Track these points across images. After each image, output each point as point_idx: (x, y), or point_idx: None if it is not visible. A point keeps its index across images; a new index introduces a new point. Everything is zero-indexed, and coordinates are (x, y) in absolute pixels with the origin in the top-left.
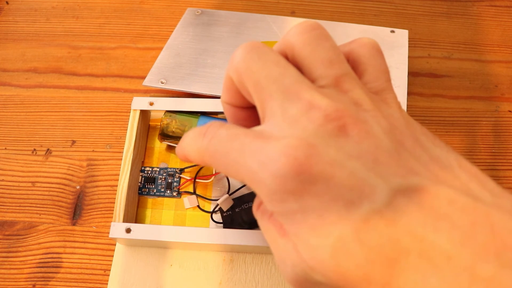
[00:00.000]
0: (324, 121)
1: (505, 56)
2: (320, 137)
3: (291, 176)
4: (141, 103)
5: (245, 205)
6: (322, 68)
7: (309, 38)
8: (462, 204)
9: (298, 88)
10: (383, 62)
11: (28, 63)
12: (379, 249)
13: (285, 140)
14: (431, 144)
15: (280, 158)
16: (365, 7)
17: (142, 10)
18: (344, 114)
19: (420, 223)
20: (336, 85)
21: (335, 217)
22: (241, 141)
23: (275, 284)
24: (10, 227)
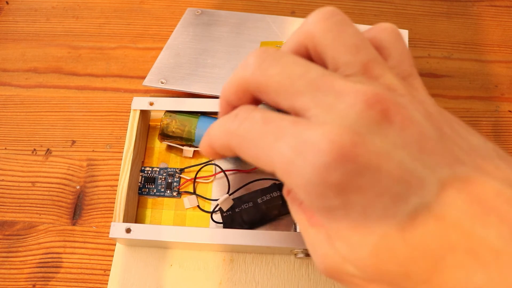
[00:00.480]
0: (366, 107)
1: (505, 56)
2: (364, 124)
3: (335, 166)
4: (141, 103)
5: (245, 205)
6: (348, 55)
7: (330, 25)
8: (509, 197)
9: (327, 79)
10: (405, 46)
11: (28, 63)
12: (425, 247)
13: (327, 126)
14: (467, 132)
15: (323, 145)
16: (365, 7)
17: (142, 10)
18: (384, 99)
19: (469, 217)
20: (365, 71)
21: (381, 213)
22: (277, 125)
23: (275, 284)
24: (10, 227)
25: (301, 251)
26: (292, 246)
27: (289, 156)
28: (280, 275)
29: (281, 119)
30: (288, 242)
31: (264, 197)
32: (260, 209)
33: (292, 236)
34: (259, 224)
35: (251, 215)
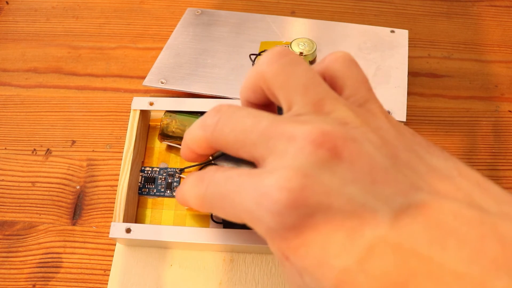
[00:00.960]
0: (313, 147)
1: (505, 56)
2: (312, 165)
3: (287, 211)
4: (141, 103)
5: None
6: (298, 95)
7: (279, 67)
8: (468, 218)
9: (277, 126)
10: (360, 72)
11: (28, 63)
12: (386, 277)
13: (278, 172)
14: (427, 153)
15: (274, 193)
16: (365, 7)
17: (142, 10)
18: (331, 136)
19: (426, 242)
20: (317, 109)
21: (338, 249)
22: (236, 182)
23: (275, 284)
24: (10, 227)
25: None
26: None
27: (251, 208)
28: (280, 275)
29: (238, 175)
30: None
31: None
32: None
33: None
34: None
35: None
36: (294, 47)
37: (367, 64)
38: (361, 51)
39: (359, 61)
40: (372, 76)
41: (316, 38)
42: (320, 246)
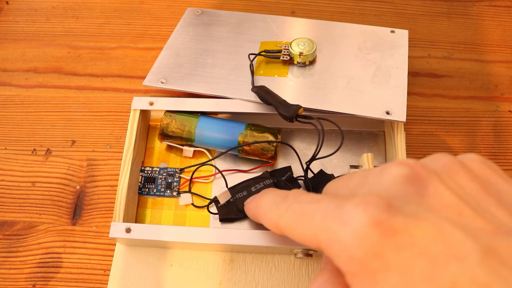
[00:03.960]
0: (398, 179)
1: (505, 56)
2: (397, 192)
3: (372, 232)
4: (141, 103)
5: (239, 195)
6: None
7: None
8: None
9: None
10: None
11: (28, 63)
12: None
13: (363, 196)
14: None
15: (361, 214)
16: (365, 7)
17: (142, 10)
18: (417, 171)
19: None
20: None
21: (420, 277)
22: (323, 204)
23: (275, 284)
24: (10, 227)
25: (301, 251)
26: (292, 246)
27: (332, 227)
28: (280, 275)
29: (327, 198)
30: (288, 242)
31: (258, 185)
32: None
33: None
34: None
35: None
36: (294, 47)
37: (367, 64)
38: (361, 51)
39: (359, 61)
40: (372, 76)
41: (316, 38)
42: (401, 270)
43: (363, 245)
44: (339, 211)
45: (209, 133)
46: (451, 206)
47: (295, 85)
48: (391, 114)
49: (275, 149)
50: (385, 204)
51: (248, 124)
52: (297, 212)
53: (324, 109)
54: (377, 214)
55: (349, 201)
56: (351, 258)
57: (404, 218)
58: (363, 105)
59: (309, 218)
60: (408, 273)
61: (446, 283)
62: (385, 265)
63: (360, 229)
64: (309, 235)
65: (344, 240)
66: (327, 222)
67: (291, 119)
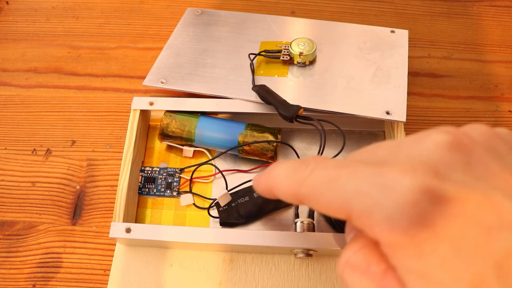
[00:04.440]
0: (443, 146)
1: (505, 56)
2: (442, 160)
3: (422, 199)
4: (141, 103)
5: (241, 200)
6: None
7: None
8: None
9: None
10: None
11: (28, 63)
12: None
13: (408, 162)
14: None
15: (409, 180)
16: (365, 7)
17: (142, 10)
18: (459, 136)
19: None
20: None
21: (472, 248)
22: (353, 167)
23: (275, 284)
24: (10, 227)
25: (301, 251)
26: (292, 246)
27: (370, 192)
28: (280, 275)
29: (356, 162)
30: (288, 242)
31: None
32: (256, 203)
33: (292, 236)
34: (255, 218)
35: (247, 209)
36: (294, 47)
37: (367, 64)
38: (361, 51)
39: (359, 61)
40: (372, 76)
41: (316, 38)
42: (450, 241)
43: (411, 213)
44: (379, 177)
45: (209, 133)
46: (497, 175)
47: (295, 85)
48: (391, 114)
49: (275, 149)
50: (433, 170)
51: (248, 124)
52: (323, 178)
53: (324, 109)
54: (426, 180)
55: (392, 167)
56: (395, 227)
57: (454, 186)
58: (363, 105)
59: (340, 184)
60: (459, 243)
61: (498, 253)
62: (434, 234)
63: (408, 195)
64: (338, 202)
65: (388, 207)
66: (365, 189)
67: (291, 119)
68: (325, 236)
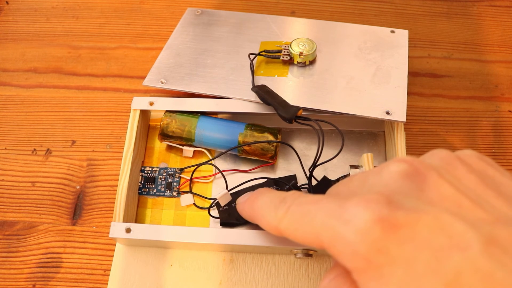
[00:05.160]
0: (397, 175)
1: (505, 56)
2: (397, 190)
3: (375, 228)
4: (141, 103)
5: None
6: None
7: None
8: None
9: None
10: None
11: (28, 63)
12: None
13: (363, 194)
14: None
15: (363, 211)
16: (365, 7)
17: (142, 10)
18: (415, 167)
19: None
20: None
21: (424, 269)
22: (323, 204)
23: (275, 284)
24: (10, 227)
25: (301, 251)
26: (292, 246)
27: (334, 226)
28: (280, 275)
29: (327, 198)
30: (288, 242)
31: None
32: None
33: None
34: None
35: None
36: (294, 47)
37: (367, 64)
38: (361, 51)
39: (359, 61)
40: (372, 76)
41: (316, 38)
42: (405, 264)
43: (366, 241)
44: (340, 209)
45: (209, 133)
46: (450, 198)
47: (295, 85)
48: (391, 114)
49: (275, 149)
50: (385, 200)
51: (248, 124)
52: (297, 214)
53: (324, 109)
54: (378, 210)
55: (350, 200)
56: (356, 254)
57: (405, 213)
58: (363, 105)
59: (310, 218)
60: (413, 266)
61: (450, 274)
62: (390, 259)
63: (363, 226)
64: (311, 235)
65: (347, 237)
66: (329, 221)
67: (290, 120)
68: None
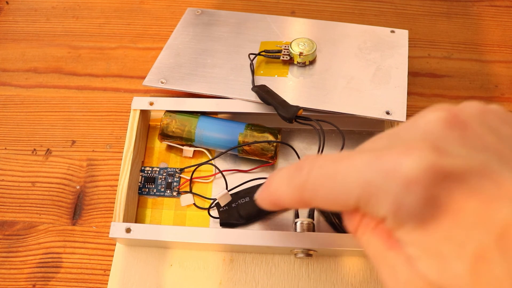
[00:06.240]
0: (440, 124)
1: (505, 56)
2: (440, 136)
3: (423, 177)
4: (141, 103)
5: (241, 200)
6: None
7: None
8: None
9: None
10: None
11: (28, 63)
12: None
13: (407, 144)
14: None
15: (409, 161)
16: (365, 7)
17: (142, 10)
18: (454, 112)
19: None
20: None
21: (472, 220)
22: (353, 160)
23: (275, 284)
24: (10, 227)
25: (301, 251)
26: (292, 246)
27: (373, 180)
28: (280, 275)
29: (352, 154)
30: (288, 242)
31: None
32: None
33: (292, 236)
34: (255, 219)
35: (248, 210)
36: (294, 47)
37: (367, 64)
38: (361, 51)
39: (359, 61)
40: (372, 76)
41: (316, 38)
42: (454, 215)
43: (413, 192)
44: (378, 162)
45: (209, 133)
46: (492, 147)
47: (295, 85)
48: (391, 114)
49: (275, 149)
50: (431, 147)
51: (248, 124)
52: (321, 176)
53: (324, 109)
54: (425, 157)
55: (389, 151)
56: (400, 208)
57: (453, 160)
58: (363, 105)
59: (341, 177)
60: (460, 216)
61: (499, 226)
62: (437, 209)
63: (410, 175)
64: (343, 196)
65: (390, 189)
66: (365, 176)
67: (290, 120)
68: (325, 236)
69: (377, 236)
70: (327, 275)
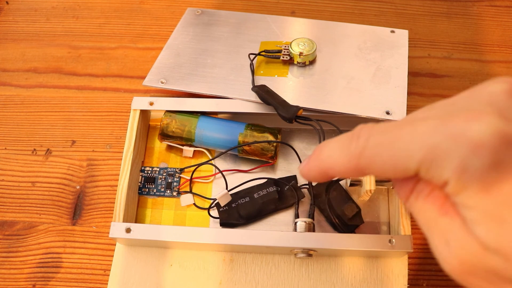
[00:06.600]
0: (502, 94)
1: (505, 56)
2: (504, 105)
3: (492, 141)
4: (141, 103)
5: (241, 200)
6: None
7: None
8: None
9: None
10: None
11: (28, 63)
12: None
13: (475, 110)
14: None
15: (478, 125)
16: (365, 7)
17: (142, 10)
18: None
19: None
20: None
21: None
22: (416, 126)
23: (275, 284)
24: (10, 227)
25: (301, 251)
26: (292, 246)
27: (440, 145)
28: (280, 275)
29: (413, 121)
30: (288, 242)
31: (261, 192)
32: (257, 204)
33: (292, 236)
34: (255, 219)
35: (248, 210)
36: (294, 47)
37: (367, 64)
38: (361, 51)
39: (359, 61)
40: (372, 76)
41: (316, 38)
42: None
43: (481, 155)
44: (446, 127)
45: (209, 133)
46: None
47: (295, 85)
48: (391, 114)
49: (275, 149)
50: (499, 113)
51: (248, 124)
52: (383, 142)
53: (324, 109)
54: (494, 123)
55: (456, 116)
56: (465, 170)
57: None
58: (363, 105)
59: (403, 142)
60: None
61: None
62: (502, 174)
63: (481, 140)
64: (404, 161)
65: (458, 153)
66: (433, 140)
67: (290, 120)
68: (325, 236)
69: (430, 202)
70: (327, 275)
